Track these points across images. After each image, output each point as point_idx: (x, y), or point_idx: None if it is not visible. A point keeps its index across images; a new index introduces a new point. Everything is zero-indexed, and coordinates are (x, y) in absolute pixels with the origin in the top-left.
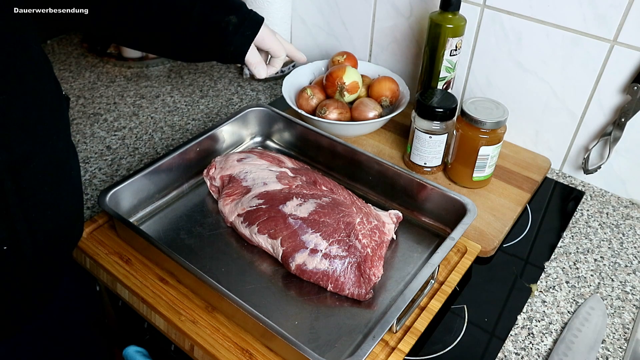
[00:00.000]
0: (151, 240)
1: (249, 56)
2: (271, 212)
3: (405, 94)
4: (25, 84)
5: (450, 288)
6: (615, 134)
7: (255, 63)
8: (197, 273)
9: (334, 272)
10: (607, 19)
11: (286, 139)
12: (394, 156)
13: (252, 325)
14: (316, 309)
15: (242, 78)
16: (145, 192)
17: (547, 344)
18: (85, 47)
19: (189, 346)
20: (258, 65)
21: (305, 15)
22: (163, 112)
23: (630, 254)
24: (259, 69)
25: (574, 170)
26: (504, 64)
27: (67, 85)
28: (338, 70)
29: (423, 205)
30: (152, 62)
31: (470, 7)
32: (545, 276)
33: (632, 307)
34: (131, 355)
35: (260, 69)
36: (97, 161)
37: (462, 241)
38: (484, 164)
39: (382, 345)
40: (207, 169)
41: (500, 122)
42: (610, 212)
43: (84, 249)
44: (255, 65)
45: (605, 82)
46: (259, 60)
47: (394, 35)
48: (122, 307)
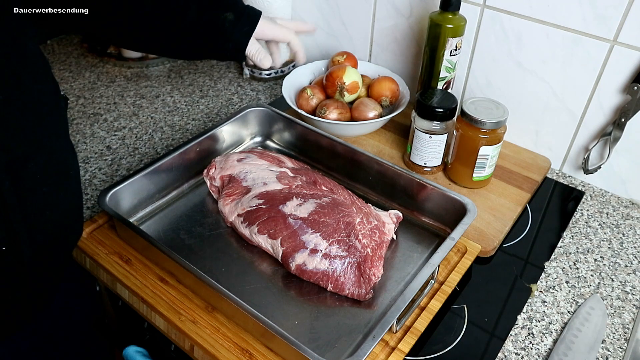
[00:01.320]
0: (151, 240)
1: (250, 49)
2: (271, 212)
3: (405, 94)
4: (23, 84)
5: (450, 288)
6: (615, 134)
7: (256, 52)
8: (197, 273)
9: (334, 272)
10: (607, 19)
11: (286, 139)
12: (394, 156)
13: (252, 325)
14: (316, 309)
15: (242, 78)
16: (145, 192)
17: (547, 344)
18: (85, 47)
19: (189, 346)
20: (260, 54)
21: (305, 15)
22: (163, 112)
23: (630, 254)
24: (261, 58)
25: (574, 170)
26: (504, 64)
27: (67, 85)
28: (338, 70)
29: (423, 205)
30: (152, 62)
31: (470, 7)
32: (545, 276)
33: (632, 307)
34: (131, 355)
35: (263, 57)
36: (97, 161)
37: (462, 241)
38: (484, 164)
39: (382, 345)
40: (207, 169)
41: (500, 122)
42: (610, 212)
43: (84, 249)
44: (257, 54)
45: (605, 82)
46: (259, 49)
47: (394, 35)
48: (122, 307)
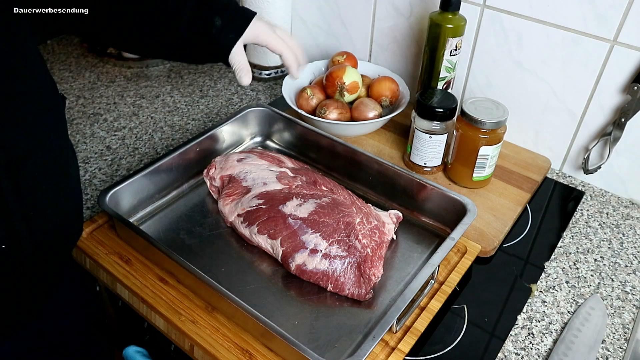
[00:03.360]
0: (151, 240)
1: (233, 60)
2: (271, 212)
3: (405, 94)
4: (21, 84)
5: (450, 288)
6: (615, 134)
7: (238, 68)
8: (197, 273)
9: (333, 272)
10: (607, 19)
11: (286, 139)
12: (394, 156)
13: (252, 325)
14: (316, 309)
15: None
16: (145, 192)
17: (547, 344)
18: (85, 47)
19: (189, 346)
20: (241, 71)
21: (305, 15)
22: (163, 112)
23: (630, 254)
24: (241, 75)
25: (574, 170)
26: (504, 64)
27: (67, 85)
28: (338, 70)
29: (423, 205)
30: (152, 62)
31: (470, 7)
32: (545, 276)
33: (632, 307)
34: (131, 355)
35: (243, 75)
36: (97, 161)
37: (462, 241)
38: (484, 164)
39: (382, 345)
40: (207, 169)
41: (500, 122)
42: (610, 212)
43: (84, 249)
44: (239, 70)
45: (605, 82)
46: (242, 66)
47: (394, 35)
48: (122, 307)
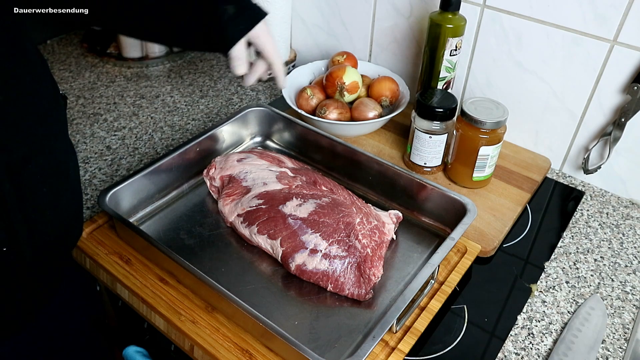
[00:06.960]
0: (151, 241)
1: (235, 50)
2: (271, 212)
3: (405, 94)
4: (22, 85)
5: (450, 288)
6: (615, 134)
7: (237, 58)
8: (197, 273)
9: (333, 272)
10: (607, 19)
11: (286, 139)
12: (394, 156)
13: (252, 325)
14: (316, 309)
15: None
16: (145, 192)
17: (547, 344)
18: (85, 47)
19: (189, 346)
20: (240, 61)
21: (305, 15)
22: (163, 112)
23: (630, 254)
24: (239, 65)
25: (574, 170)
26: (504, 64)
27: (67, 85)
28: (338, 70)
29: (423, 205)
30: (152, 62)
31: (470, 7)
32: (545, 276)
33: (632, 307)
34: (131, 355)
35: (241, 65)
36: (97, 161)
37: (462, 241)
38: (484, 164)
39: (382, 345)
40: (207, 169)
41: (500, 122)
42: (610, 212)
43: (84, 249)
44: (238, 59)
45: (605, 82)
46: (243, 57)
47: (394, 35)
48: (122, 307)
